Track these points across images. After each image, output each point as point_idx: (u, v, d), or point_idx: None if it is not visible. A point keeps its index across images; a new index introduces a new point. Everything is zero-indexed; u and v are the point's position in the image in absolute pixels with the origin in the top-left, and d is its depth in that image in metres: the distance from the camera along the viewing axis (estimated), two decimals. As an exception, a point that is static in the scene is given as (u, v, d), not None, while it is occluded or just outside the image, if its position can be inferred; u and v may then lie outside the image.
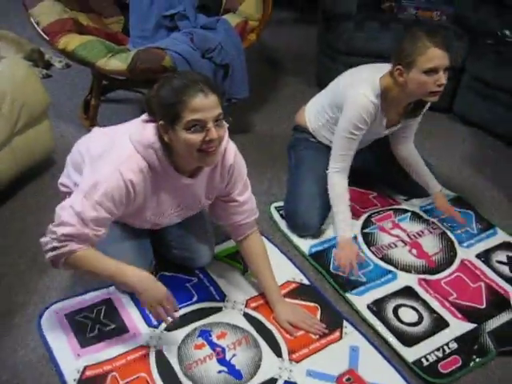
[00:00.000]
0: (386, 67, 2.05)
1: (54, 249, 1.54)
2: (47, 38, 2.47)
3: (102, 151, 1.64)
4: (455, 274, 2.09)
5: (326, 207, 2.20)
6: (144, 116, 1.62)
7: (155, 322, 1.80)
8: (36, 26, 2.51)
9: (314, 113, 2.31)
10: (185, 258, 1.97)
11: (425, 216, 2.37)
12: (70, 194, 1.73)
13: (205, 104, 1.47)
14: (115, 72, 2.40)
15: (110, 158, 1.58)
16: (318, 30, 3.31)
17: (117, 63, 2.35)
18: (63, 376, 1.62)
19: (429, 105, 2.16)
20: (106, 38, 2.61)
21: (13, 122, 2.16)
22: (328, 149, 2.21)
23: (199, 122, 1.47)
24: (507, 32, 2.98)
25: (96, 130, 1.87)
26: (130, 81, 2.70)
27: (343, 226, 2.11)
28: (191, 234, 1.94)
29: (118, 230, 1.79)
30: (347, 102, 2.05)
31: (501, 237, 2.30)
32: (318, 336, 1.81)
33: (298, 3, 4.38)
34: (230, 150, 1.71)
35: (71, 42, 2.41)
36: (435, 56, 1.87)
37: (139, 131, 1.58)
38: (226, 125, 1.58)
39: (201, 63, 2.43)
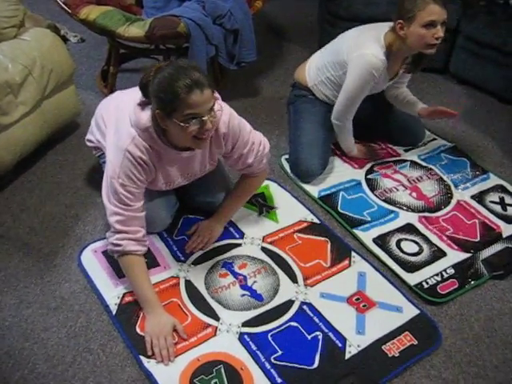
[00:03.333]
0: (386, 25, 2.21)
1: (115, 245, 1.77)
2: (68, 11, 2.63)
3: (115, 121, 1.83)
4: (452, 213, 2.28)
5: (326, 154, 2.41)
6: (139, 99, 1.71)
7: (183, 257, 2.01)
8: (57, -1, 2.68)
9: (314, 69, 2.45)
10: (206, 202, 2.15)
11: (423, 163, 2.55)
12: (94, 148, 2.08)
13: (201, 100, 1.55)
14: (134, 39, 2.54)
15: (118, 140, 1.73)
16: (319, -1, 3.47)
17: (135, 30, 2.50)
18: (105, 301, 1.82)
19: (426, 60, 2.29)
20: (122, 9, 2.77)
21: (42, 86, 2.34)
22: (323, 103, 2.44)
23: (196, 115, 1.58)
24: (499, -6, 3.14)
25: (116, 94, 2.08)
26: (146, 49, 2.88)
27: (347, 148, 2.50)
28: (211, 180, 2.11)
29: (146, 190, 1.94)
30: (356, 62, 2.18)
31: (493, 180, 2.49)
32: (329, 265, 2.01)
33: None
34: (222, 121, 1.79)
35: (92, 12, 2.56)
36: (434, 11, 2.05)
37: (136, 115, 1.69)
38: (219, 112, 1.69)
39: (212, 29, 2.59)
